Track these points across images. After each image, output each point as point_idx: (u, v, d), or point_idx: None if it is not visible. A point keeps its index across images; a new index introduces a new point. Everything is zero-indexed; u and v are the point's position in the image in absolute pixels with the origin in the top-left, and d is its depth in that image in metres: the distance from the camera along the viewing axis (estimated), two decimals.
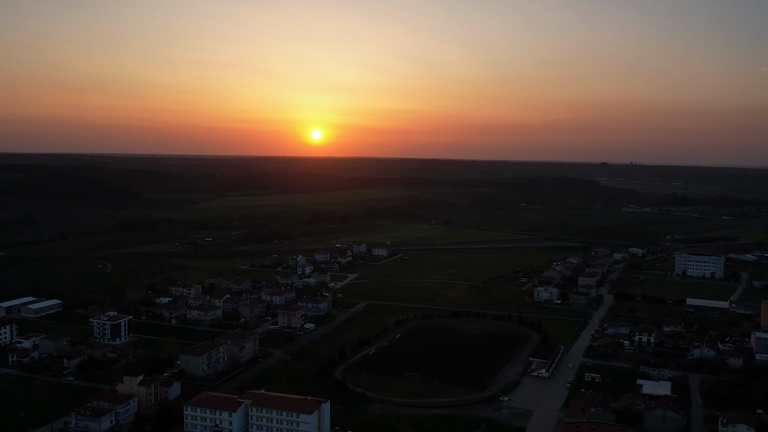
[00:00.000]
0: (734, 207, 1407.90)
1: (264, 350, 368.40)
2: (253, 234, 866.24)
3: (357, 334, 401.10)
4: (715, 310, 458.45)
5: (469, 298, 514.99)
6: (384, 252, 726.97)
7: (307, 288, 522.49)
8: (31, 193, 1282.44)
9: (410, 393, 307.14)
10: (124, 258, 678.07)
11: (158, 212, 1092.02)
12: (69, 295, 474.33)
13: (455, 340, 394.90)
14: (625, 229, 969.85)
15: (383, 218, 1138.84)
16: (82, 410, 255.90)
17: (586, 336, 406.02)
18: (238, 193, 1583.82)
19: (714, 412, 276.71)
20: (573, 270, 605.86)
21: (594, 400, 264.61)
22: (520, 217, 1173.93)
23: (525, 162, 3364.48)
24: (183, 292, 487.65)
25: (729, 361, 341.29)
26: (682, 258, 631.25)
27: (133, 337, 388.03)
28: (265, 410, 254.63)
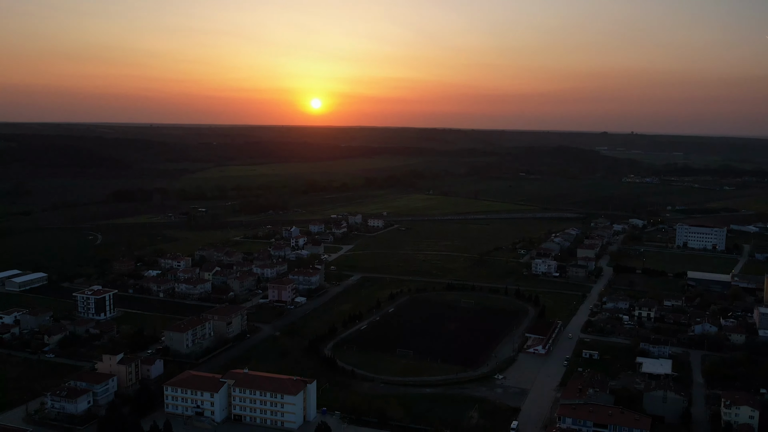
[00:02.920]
0: (736, 177, 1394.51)
1: (252, 325, 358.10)
2: (247, 204, 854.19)
3: (349, 308, 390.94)
4: (717, 283, 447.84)
5: (466, 270, 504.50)
6: (380, 223, 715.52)
7: (300, 260, 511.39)
8: (25, 163, 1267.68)
9: (402, 371, 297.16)
10: (115, 229, 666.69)
11: (153, 182, 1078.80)
12: (55, 268, 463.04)
13: (450, 315, 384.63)
14: (625, 200, 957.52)
15: (380, 188, 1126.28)
16: (58, 391, 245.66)
17: (584, 310, 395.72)
18: (235, 163, 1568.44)
19: (716, 391, 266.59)
20: (572, 242, 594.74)
21: (592, 380, 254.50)
22: (519, 187, 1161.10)
23: (525, 131, 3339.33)
24: (172, 265, 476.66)
25: (731, 337, 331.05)
26: (683, 229, 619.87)
27: (118, 312, 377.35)
28: (248, 391, 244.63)
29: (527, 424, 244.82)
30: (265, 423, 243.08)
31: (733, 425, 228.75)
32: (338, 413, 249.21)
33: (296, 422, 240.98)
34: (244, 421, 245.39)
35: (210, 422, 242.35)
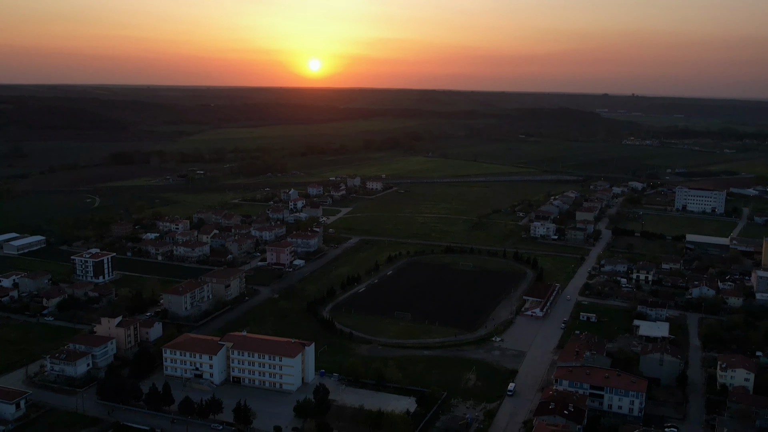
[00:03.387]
0: (736, 140, 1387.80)
1: (251, 288, 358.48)
2: (246, 167, 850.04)
3: (347, 271, 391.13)
4: (715, 246, 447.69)
5: (464, 233, 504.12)
6: (378, 185, 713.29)
7: (298, 223, 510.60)
8: (21, 125, 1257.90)
9: (399, 333, 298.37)
10: (113, 192, 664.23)
11: (151, 144, 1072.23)
12: (53, 232, 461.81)
13: (448, 278, 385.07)
14: (625, 163, 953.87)
15: (379, 150, 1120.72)
16: (57, 353, 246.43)
17: (582, 273, 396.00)
18: (233, 125, 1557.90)
19: (713, 354, 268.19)
20: (571, 204, 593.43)
21: (589, 343, 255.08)
22: (518, 149, 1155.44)
23: (525, 93, 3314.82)
24: (170, 228, 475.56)
25: (729, 300, 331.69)
26: (682, 192, 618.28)
27: (117, 275, 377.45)
28: (246, 353, 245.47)
29: (524, 386, 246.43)
30: (263, 385, 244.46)
31: (729, 388, 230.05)
32: (336, 375, 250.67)
33: (295, 384, 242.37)
34: (243, 383, 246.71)
35: (209, 384, 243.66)
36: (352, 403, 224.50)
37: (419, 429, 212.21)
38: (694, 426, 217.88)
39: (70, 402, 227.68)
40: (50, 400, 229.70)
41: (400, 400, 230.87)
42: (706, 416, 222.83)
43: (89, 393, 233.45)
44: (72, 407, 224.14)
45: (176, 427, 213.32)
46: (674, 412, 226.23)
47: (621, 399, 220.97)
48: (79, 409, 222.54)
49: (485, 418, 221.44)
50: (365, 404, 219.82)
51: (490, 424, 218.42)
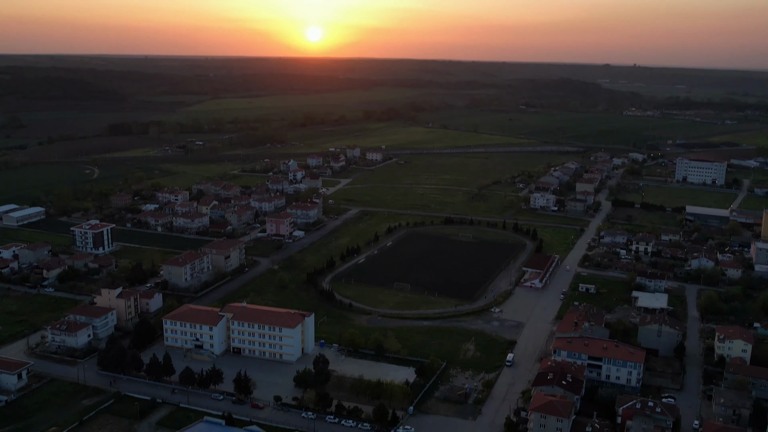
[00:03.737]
0: (738, 111, 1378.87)
1: (251, 259, 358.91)
2: (245, 138, 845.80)
3: (347, 242, 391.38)
4: (715, 218, 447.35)
5: (464, 204, 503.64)
6: (378, 156, 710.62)
7: (298, 194, 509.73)
8: (19, 96, 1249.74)
9: (399, 304, 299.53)
10: (111, 163, 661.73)
11: (149, 115, 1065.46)
12: (52, 203, 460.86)
13: (447, 249, 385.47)
14: (625, 134, 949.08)
15: (379, 121, 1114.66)
16: (58, 324, 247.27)
17: (582, 245, 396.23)
18: (232, 95, 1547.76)
19: (711, 325, 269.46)
20: (571, 176, 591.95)
21: (587, 314, 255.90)
22: (519, 120, 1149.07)
23: (526, 63, 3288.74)
24: (170, 199, 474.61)
25: (727, 272, 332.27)
26: (683, 164, 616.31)
27: (116, 246, 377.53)
28: (246, 324, 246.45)
29: (523, 356, 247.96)
30: (263, 356, 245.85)
31: (726, 358, 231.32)
32: (336, 346, 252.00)
33: (294, 355, 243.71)
34: (243, 353, 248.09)
35: (209, 355, 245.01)
36: (351, 374, 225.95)
37: (418, 399, 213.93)
38: (691, 396, 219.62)
39: (71, 372, 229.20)
40: (52, 370, 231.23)
41: (399, 371, 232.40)
42: (703, 387, 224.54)
43: (90, 363, 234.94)
44: (73, 377, 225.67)
45: (177, 397, 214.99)
46: (672, 382, 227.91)
47: (619, 370, 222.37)
48: (81, 380, 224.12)
49: (484, 388, 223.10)
50: (365, 374, 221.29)
51: (489, 394, 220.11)
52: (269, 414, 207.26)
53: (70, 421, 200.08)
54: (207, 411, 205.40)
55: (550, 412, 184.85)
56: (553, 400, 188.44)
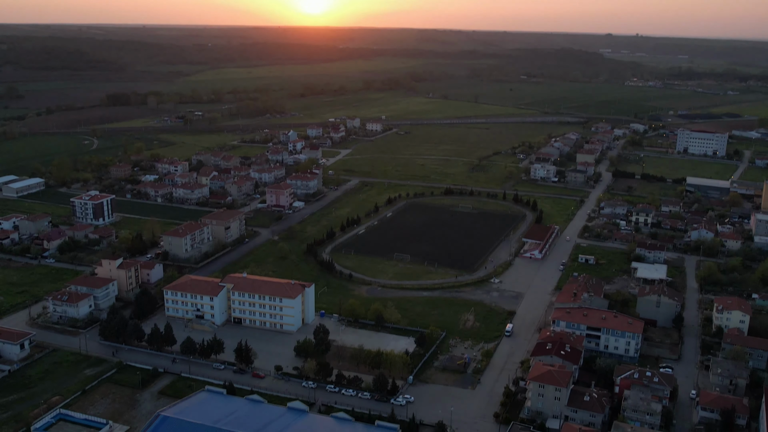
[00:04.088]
0: (740, 82, 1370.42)
1: (251, 230, 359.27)
2: (244, 108, 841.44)
3: (347, 212, 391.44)
4: (715, 189, 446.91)
5: (464, 175, 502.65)
6: (378, 127, 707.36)
7: (298, 165, 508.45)
8: (16, 66, 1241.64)
9: (399, 275, 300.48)
10: (110, 133, 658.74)
11: (147, 85, 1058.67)
12: (52, 173, 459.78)
13: (447, 219, 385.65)
14: (627, 104, 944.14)
15: (379, 91, 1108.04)
16: (59, 295, 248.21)
17: (581, 215, 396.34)
18: (231, 65, 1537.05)
19: (709, 296, 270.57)
20: (572, 146, 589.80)
21: (587, 284, 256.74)
22: (520, 90, 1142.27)
23: (527, 33, 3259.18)
24: (169, 170, 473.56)
25: (727, 243, 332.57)
26: (684, 135, 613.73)
27: (116, 217, 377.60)
28: (247, 295, 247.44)
29: (522, 327, 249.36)
30: (264, 326, 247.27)
31: (724, 329, 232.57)
32: (336, 316, 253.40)
33: (295, 325, 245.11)
34: (244, 324, 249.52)
35: (210, 325, 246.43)
36: (351, 344, 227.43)
37: (418, 368, 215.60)
38: (688, 366, 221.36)
39: (73, 342, 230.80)
40: (54, 340, 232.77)
41: (399, 341, 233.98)
42: (700, 357, 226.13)
43: (92, 334, 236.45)
44: (75, 348, 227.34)
45: (178, 367, 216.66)
46: (669, 352, 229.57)
47: (617, 340, 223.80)
48: (82, 350, 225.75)
49: (483, 357, 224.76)
50: (365, 344, 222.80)
51: (488, 363, 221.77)
52: (270, 383, 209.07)
53: (73, 390, 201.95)
54: (208, 380, 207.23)
55: (549, 381, 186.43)
56: (551, 370, 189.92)
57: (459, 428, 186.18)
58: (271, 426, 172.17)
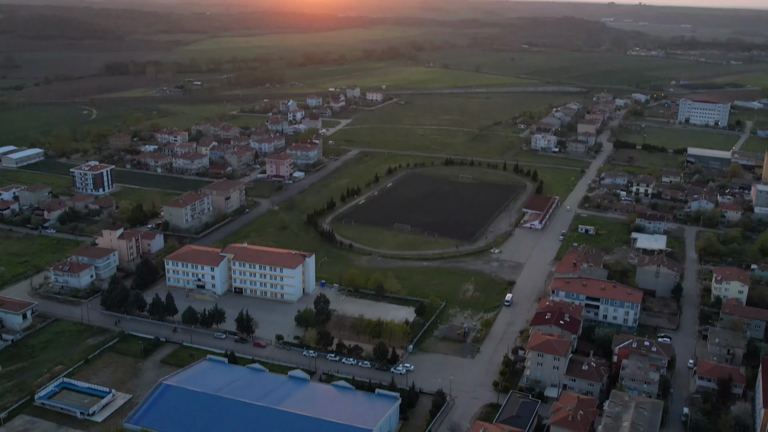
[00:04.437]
0: (744, 51, 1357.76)
1: (251, 200, 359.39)
2: (243, 77, 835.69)
3: (347, 183, 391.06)
4: (716, 160, 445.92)
5: (465, 145, 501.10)
6: (378, 96, 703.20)
7: (297, 135, 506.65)
8: (13, 35, 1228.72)
9: (399, 245, 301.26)
10: (109, 103, 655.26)
11: (145, 54, 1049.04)
12: (51, 144, 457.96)
13: (448, 190, 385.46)
14: (629, 74, 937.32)
15: (379, 60, 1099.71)
16: (61, 265, 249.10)
17: (582, 186, 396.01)
18: (230, 34, 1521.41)
19: (708, 267, 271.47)
20: (573, 116, 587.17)
21: (586, 255, 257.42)
22: (521, 60, 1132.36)
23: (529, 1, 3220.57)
24: (169, 140, 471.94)
25: (727, 214, 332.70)
26: (686, 105, 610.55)
27: (116, 187, 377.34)
28: (247, 265, 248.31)
29: (521, 297, 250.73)
30: (265, 296, 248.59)
31: (723, 299, 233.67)
32: (336, 286, 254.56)
33: (295, 295, 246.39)
34: (245, 293, 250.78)
35: (211, 295, 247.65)
36: (352, 313, 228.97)
37: (418, 338, 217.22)
38: (686, 336, 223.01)
39: (75, 312, 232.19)
40: (55, 310, 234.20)
41: (399, 310, 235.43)
42: (699, 327, 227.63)
43: (93, 304, 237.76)
44: (77, 318, 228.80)
45: (180, 336, 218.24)
46: (668, 322, 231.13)
47: (616, 310, 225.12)
48: (84, 320, 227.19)
49: (483, 327, 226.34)
50: (365, 314, 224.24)
51: (487, 333, 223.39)
52: (271, 352, 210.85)
53: (76, 359, 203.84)
54: (210, 349, 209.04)
55: (548, 350, 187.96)
56: (550, 339, 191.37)
57: (458, 396, 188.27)
58: (273, 394, 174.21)
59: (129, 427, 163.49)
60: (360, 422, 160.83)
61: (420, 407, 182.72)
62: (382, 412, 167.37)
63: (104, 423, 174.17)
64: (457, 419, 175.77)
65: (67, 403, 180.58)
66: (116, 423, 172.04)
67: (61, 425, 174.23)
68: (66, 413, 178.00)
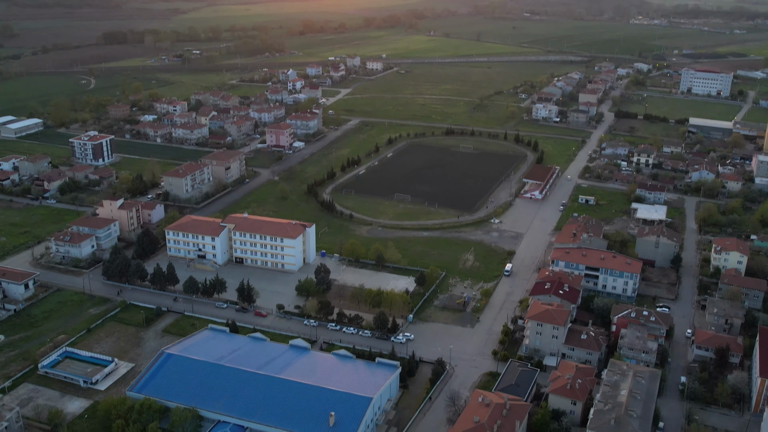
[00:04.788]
0: (748, 20, 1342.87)
1: (251, 170, 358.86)
2: (242, 46, 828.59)
3: (347, 153, 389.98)
4: (718, 130, 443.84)
5: (465, 114, 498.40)
6: (379, 66, 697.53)
7: (297, 104, 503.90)
8: (9, 3, 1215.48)
9: (399, 215, 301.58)
10: (107, 73, 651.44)
11: (143, 23, 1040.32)
12: (50, 114, 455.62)
13: (448, 160, 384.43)
14: (631, 43, 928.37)
15: (379, 29, 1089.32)
16: (62, 236, 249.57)
17: (583, 156, 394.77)
18: (228, 1, 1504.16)
19: (708, 237, 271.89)
20: (574, 86, 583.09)
21: (586, 225, 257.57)
22: (523, 28, 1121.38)
23: None
24: (168, 110, 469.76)
25: (727, 184, 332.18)
26: (688, 75, 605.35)
27: (116, 158, 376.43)
28: (248, 235, 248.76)
29: (521, 267, 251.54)
30: (266, 265, 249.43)
31: (722, 270, 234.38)
32: (337, 256, 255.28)
33: (296, 264, 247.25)
34: (246, 263, 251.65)
35: (212, 264, 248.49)
36: (352, 283, 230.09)
37: (418, 307, 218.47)
38: (685, 306, 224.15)
39: (76, 282, 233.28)
40: (57, 280, 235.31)
41: (399, 280, 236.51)
42: (697, 297, 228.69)
43: (95, 274, 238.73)
44: (79, 287, 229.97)
45: (181, 306, 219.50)
46: (667, 292, 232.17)
47: (615, 280, 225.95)
48: (86, 289, 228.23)
49: (482, 296, 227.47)
50: (365, 284, 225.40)
51: (487, 302, 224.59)
52: (272, 321, 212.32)
53: (78, 329, 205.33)
54: (211, 319, 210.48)
55: (547, 320, 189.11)
56: (549, 309, 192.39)
57: (458, 365, 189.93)
58: (274, 363, 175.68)
59: (132, 395, 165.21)
60: (360, 390, 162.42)
61: (420, 376, 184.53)
62: (383, 380, 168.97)
63: (107, 391, 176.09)
64: (456, 387, 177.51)
65: (71, 372, 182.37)
66: (119, 391, 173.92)
67: (65, 393, 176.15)
68: (69, 382, 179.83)
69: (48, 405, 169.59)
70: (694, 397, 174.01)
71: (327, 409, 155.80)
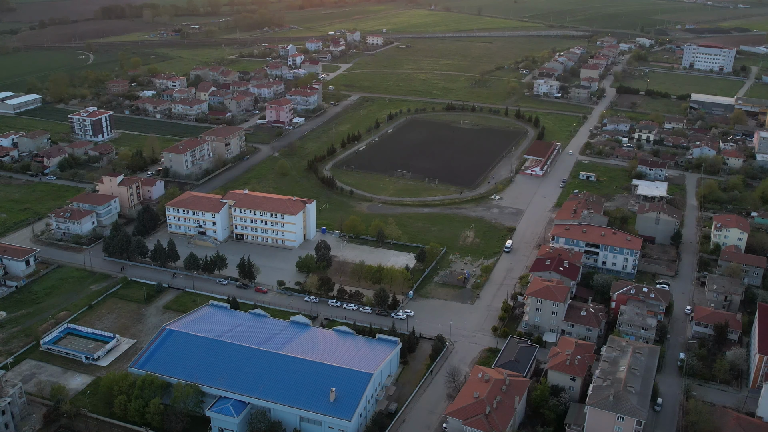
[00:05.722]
0: None
1: (251, 146, 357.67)
2: (241, 20, 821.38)
3: (347, 128, 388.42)
4: (719, 106, 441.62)
5: (466, 90, 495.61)
6: (379, 41, 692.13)
7: (297, 80, 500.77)
8: None
9: (399, 191, 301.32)
10: (106, 48, 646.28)
11: None
12: (48, 90, 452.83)
13: (448, 136, 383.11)
14: (634, 17, 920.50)
15: (380, 3, 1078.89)
16: (62, 212, 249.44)
17: (584, 132, 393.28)
18: None
19: (708, 214, 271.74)
20: (576, 61, 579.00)
21: (586, 201, 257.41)
22: (524, 2, 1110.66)
23: None
24: (167, 85, 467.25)
25: (729, 161, 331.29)
26: (690, 50, 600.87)
27: (116, 134, 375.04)
28: (248, 211, 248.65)
29: (521, 243, 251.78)
30: (266, 242, 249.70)
31: (722, 246, 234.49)
32: (337, 232, 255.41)
33: (296, 241, 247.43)
34: (246, 240, 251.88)
35: (213, 241, 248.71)
36: (352, 259, 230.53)
37: (418, 283, 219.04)
38: (685, 283, 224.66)
39: (77, 259, 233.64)
40: (58, 257, 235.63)
41: (399, 256, 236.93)
42: (697, 273, 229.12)
43: (96, 250, 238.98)
44: (80, 264, 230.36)
45: (182, 282, 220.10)
46: (667, 269, 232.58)
47: (615, 256, 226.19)
48: (87, 266, 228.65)
49: (482, 273, 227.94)
50: (366, 260, 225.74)
51: (487, 279, 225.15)
52: (273, 298, 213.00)
53: (80, 305, 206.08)
54: (212, 295, 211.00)
55: (546, 296, 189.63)
56: (549, 285, 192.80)
57: (458, 341, 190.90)
58: (275, 339, 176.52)
59: (133, 371, 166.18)
60: (361, 366, 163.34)
61: (420, 352, 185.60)
62: (383, 356, 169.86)
63: (109, 367, 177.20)
64: (456, 363, 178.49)
65: (73, 348, 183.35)
66: (121, 367, 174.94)
67: (68, 369, 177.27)
68: (72, 358, 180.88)
69: (50, 381, 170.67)
70: (692, 373, 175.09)
71: (328, 385, 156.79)
